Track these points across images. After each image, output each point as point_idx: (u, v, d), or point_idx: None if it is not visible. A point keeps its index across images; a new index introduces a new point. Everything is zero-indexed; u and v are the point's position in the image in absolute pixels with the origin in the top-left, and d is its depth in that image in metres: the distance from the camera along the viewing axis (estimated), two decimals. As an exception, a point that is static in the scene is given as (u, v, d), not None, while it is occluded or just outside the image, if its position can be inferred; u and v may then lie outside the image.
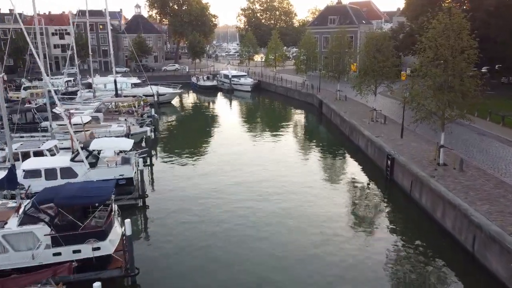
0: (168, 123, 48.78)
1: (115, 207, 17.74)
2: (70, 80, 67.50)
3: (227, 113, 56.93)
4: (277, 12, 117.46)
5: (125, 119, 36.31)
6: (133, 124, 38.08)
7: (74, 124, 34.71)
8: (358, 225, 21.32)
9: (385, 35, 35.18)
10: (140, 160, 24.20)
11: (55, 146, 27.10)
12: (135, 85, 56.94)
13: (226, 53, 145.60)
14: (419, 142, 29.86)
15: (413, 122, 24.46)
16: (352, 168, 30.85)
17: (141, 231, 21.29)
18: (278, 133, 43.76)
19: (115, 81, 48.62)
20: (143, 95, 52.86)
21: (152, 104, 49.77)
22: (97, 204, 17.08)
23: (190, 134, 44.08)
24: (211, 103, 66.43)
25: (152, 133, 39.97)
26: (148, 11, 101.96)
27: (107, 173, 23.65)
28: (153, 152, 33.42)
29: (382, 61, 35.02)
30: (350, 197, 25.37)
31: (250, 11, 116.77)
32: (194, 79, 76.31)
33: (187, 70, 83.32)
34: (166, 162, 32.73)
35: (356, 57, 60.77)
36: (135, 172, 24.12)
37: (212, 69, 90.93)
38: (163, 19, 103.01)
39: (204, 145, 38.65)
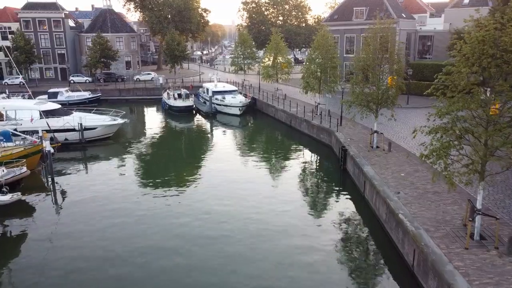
0: (75, 189, 27.41)
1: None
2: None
3: (191, 156, 35.57)
4: (287, 6, 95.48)
5: None
6: None
7: None
8: None
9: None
10: None
11: None
12: (48, 113, 35.84)
13: (229, 56, 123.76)
14: None
15: None
16: None
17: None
18: (263, 203, 22.63)
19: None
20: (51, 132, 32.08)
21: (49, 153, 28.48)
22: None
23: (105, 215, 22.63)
24: (174, 137, 44.60)
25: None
26: (124, 5, 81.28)
27: None
28: None
29: None
30: None
31: (253, 5, 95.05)
32: (165, 96, 55.14)
33: (161, 81, 62.23)
34: None
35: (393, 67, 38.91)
36: None
37: (198, 79, 69.92)
38: (142, 15, 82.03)
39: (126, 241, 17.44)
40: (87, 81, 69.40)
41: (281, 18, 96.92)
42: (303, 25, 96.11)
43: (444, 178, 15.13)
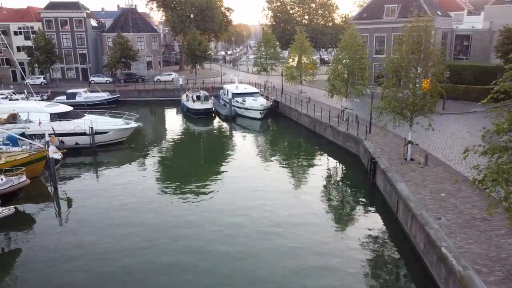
0: (81, 199, 25.45)
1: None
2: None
3: (208, 162, 33.19)
4: (313, 5, 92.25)
5: None
6: None
7: None
8: None
9: None
10: None
11: None
12: (58, 116, 34.31)
13: (253, 57, 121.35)
14: None
15: None
16: None
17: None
18: (283, 216, 20.28)
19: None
20: (57, 136, 30.41)
21: (50, 162, 26.52)
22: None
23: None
24: (191, 141, 42.04)
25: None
26: (146, 4, 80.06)
27: None
28: None
29: None
30: None
31: (278, 4, 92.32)
32: (184, 97, 53.15)
33: (181, 82, 60.29)
34: None
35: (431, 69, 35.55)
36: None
37: (220, 80, 67.75)
38: (165, 15, 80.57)
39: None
40: (108, 81, 68.41)
41: (306, 17, 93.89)
42: (330, 24, 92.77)
43: (504, 210, 12.13)
